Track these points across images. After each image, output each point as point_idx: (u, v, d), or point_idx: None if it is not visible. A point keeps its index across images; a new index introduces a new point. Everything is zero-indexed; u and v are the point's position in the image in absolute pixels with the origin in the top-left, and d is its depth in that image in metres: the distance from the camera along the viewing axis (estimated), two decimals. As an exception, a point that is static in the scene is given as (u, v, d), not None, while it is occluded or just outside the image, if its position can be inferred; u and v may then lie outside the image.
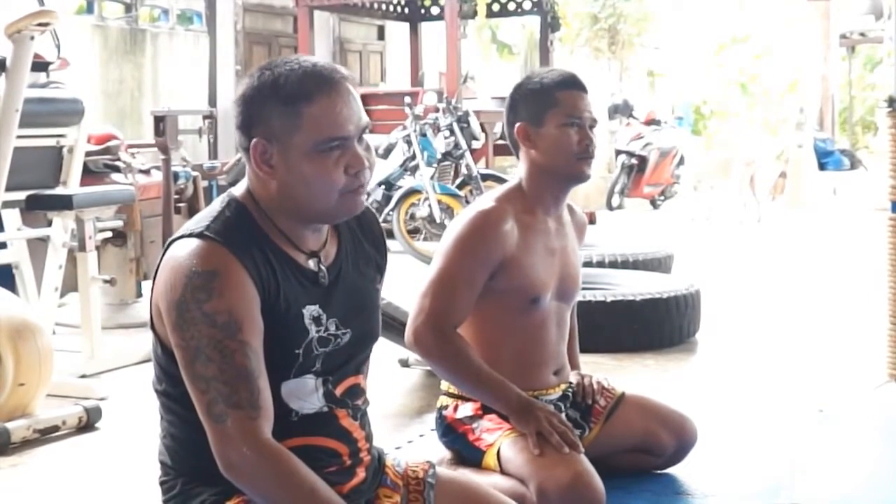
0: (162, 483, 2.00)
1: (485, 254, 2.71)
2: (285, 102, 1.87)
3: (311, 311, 1.94)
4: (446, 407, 2.84)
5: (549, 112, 2.77)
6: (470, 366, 2.69)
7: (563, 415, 2.84)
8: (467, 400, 2.80)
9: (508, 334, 2.80)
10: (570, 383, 2.98)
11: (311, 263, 1.97)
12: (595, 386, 2.98)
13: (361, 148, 1.91)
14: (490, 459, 2.68)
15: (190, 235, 1.88)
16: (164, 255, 1.91)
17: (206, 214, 1.93)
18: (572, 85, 2.80)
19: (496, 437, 2.69)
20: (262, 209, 1.93)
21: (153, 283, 1.92)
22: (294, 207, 1.92)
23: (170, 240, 1.93)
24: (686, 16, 22.81)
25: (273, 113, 1.87)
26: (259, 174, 1.91)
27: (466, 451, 2.76)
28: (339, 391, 2.00)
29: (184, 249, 1.86)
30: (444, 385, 2.87)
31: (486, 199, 2.82)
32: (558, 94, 2.77)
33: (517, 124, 2.81)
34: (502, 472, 2.64)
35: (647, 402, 3.03)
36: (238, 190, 1.98)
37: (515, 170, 2.90)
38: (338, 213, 1.94)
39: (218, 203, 1.96)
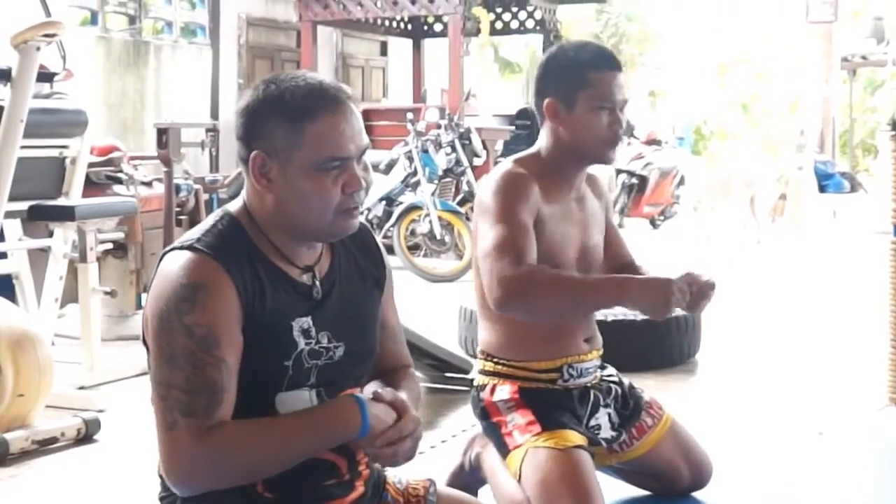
0: (162, 498, 1.99)
1: (525, 201, 2.63)
2: (289, 119, 1.87)
3: (300, 323, 1.94)
4: (483, 387, 2.79)
5: (580, 93, 2.68)
6: (567, 280, 2.60)
7: (607, 413, 2.84)
8: (505, 380, 2.76)
9: None
10: (615, 379, 2.94)
11: (305, 278, 1.97)
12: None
13: (360, 168, 1.92)
14: (512, 463, 2.66)
15: (181, 248, 1.89)
16: (156, 267, 1.92)
17: (200, 228, 1.94)
18: (607, 65, 2.70)
19: (525, 440, 2.66)
20: (256, 224, 1.94)
21: (147, 298, 1.92)
22: (288, 223, 1.92)
23: (162, 252, 1.94)
24: (688, 36, 22.89)
25: (276, 128, 1.88)
26: (256, 187, 1.92)
27: (496, 443, 2.74)
28: (335, 404, 2.00)
29: (174, 262, 1.87)
30: (479, 363, 2.82)
31: (507, 163, 2.75)
32: (592, 75, 2.68)
33: (547, 100, 2.72)
34: (519, 479, 2.62)
35: (681, 435, 2.97)
36: (234, 205, 1.99)
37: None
38: (331, 233, 1.95)
39: (212, 217, 1.97)
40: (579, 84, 2.68)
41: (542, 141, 2.78)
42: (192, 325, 1.82)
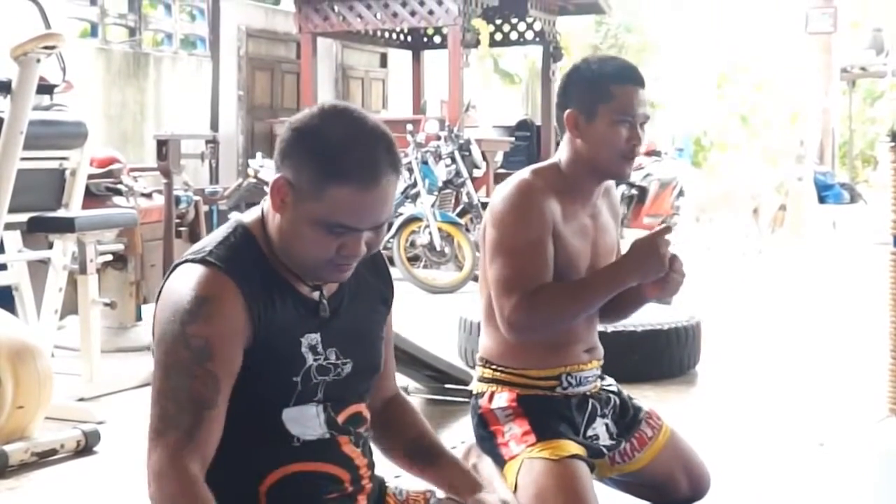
0: (163, 509, 1.99)
1: (540, 216, 2.62)
2: (320, 165, 1.82)
3: (309, 339, 1.94)
4: (481, 395, 2.78)
5: (601, 105, 2.67)
6: (566, 294, 2.60)
7: (604, 423, 2.83)
8: (503, 387, 2.75)
9: None
10: (614, 389, 2.94)
11: (315, 295, 1.97)
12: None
13: (372, 234, 1.88)
14: (509, 474, 2.64)
15: (192, 261, 1.88)
16: (166, 278, 1.91)
17: (212, 239, 1.93)
18: (629, 79, 2.70)
19: (521, 450, 2.65)
20: (269, 237, 1.93)
21: (155, 309, 1.92)
22: (284, 248, 1.91)
23: (174, 264, 1.93)
24: (687, 47, 22.93)
25: (306, 166, 1.83)
26: (272, 204, 1.91)
27: (492, 454, 2.71)
28: (341, 419, 2.00)
29: (184, 275, 1.87)
30: (479, 371, 2.82)
31: (524, 172, 2.73)
32: (613, 88, 2.67)
33: (568, 110, 2.71)
34: (515, 490, 2.61)
35: (679, 445, 2.96)
36: (249, 216, 1.97)
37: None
38: (315, 277, 1.94)
39: (225, 228, 1.96)
40: (600, 96, 2.67)
41: (562, 153, 2.77)
42: (190, 335, 1.81)
